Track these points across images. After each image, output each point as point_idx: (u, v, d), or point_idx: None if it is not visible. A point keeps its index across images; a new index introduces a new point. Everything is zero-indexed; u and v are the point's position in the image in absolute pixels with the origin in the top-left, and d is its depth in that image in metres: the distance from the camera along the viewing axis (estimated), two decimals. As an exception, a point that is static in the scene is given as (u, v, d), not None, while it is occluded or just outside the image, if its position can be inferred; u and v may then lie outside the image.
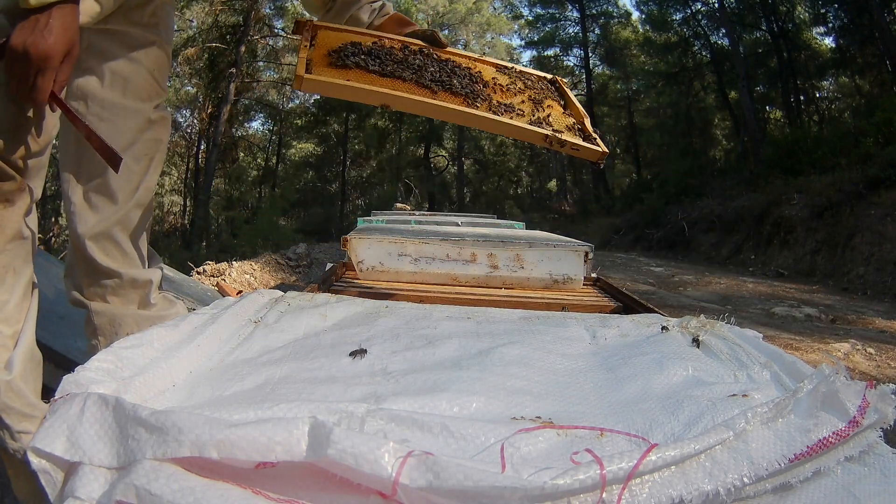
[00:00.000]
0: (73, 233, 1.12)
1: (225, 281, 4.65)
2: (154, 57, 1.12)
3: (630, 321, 0.85)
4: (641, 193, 13.32)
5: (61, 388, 0.47)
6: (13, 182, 0.92)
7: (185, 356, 0.61)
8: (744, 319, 3.94)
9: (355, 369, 0.63)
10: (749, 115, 12.70)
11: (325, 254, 6.39)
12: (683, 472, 0.40)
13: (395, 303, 0.96)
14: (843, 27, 13.14)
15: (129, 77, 1.09)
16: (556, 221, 15.78)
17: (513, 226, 2.52)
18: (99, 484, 0.39)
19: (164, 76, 1.17)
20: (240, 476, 0.39)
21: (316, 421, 0.38)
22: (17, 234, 0.94)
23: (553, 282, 1.28)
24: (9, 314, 0.94)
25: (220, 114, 14.88)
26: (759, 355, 0.67)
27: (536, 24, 19.34)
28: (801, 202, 7.76)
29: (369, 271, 1.25)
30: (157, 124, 1.15)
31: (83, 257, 1.11)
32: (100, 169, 1.09)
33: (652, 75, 17.17)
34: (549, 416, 0.51)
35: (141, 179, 1.15)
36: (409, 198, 16.48)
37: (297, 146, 20.39)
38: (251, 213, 16.03)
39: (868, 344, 3.29)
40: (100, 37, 1.06)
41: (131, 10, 1.05)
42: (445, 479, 0.35)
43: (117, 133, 1.09)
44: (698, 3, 15.51)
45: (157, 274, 1.23)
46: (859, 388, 0.47)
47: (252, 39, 15.79)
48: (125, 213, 1.13)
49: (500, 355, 0.67)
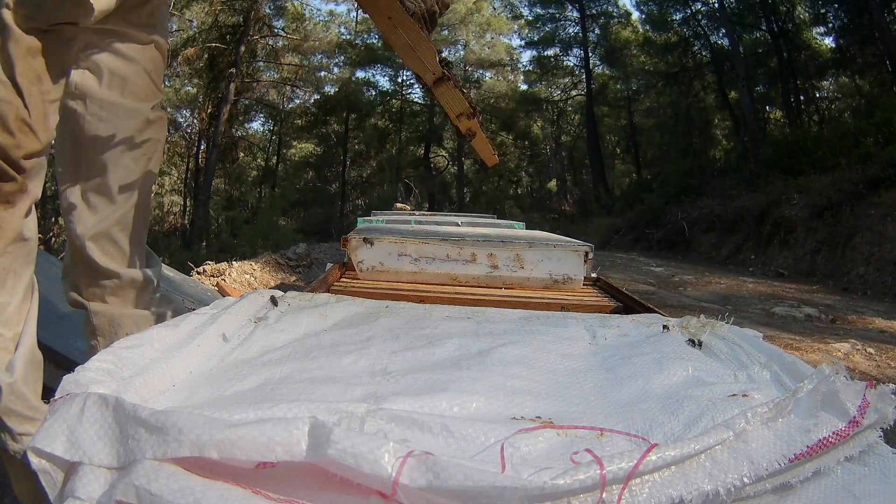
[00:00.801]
0: (71, 233, 1.12)
1: (225, 281, 4.65)
2: (151, 57, 1.13)
3: (630, 321, 0.85)
4: (641, 193, 13.32)
5: (61, 388, 0.46)
6: (14, 183, 0.91)
7: (185, 356, 0.61)
8: (744, 319, 3.94)
9: (355, 369, 0.63)
10: (749, 115, 12.70)
11: (325, 254, 6.38)
12: (683, 472, 0.40)
13: (395, 303, 0.96)
14: (843, 27, 13.15)
15: (127, 77, 1.09)
16: (556, 221, 15.78)
17: (513, 226, 2.52)
18: (99, 484, 0.39)
19: (161, 77, 1.18)
20: (240, 476, 0.39)
21: (316, 421, 0.38)
22: (17, 236, 0.94)
23: (553, 282, 1.28)
24: (9, 317, 0.93)
25: (220, 114, 14.89)
26: (759, 355, 0.67)
27: (536, 24, 19.34)
28: (801, 202, 7.76)
29: (369, 271, 1.25)
30: (154, 124, 1.15)
31: (82, 257, 1.11)
32: (97, 169, 1.09)
33: (652, 75, 17.17)
34: (549, 416, 0.51)
35: (139, 179, 1.15)
36: (409, 198, 16.47)
37: (297, 146, 20.38)
38: (251, 213, 16.02)
39: (868, 344, 3.29)
40: (98, 36, 1.06)
41: (130, 10, 1.06)
42: (445, 479, 0.35)
43: (116, 132, 1.09)
44: (698, 3, 15.51)
45: (156, 273, 1.23)
46: (859, 388, 0.47)
47: (252, 39, 15.79)
48: (123, 213, 1.12)
49: (500, 355, 0.67)
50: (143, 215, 1.19)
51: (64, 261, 1.19)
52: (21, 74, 0.88)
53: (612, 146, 20.61)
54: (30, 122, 0.90)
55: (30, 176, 0.94)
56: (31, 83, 0.89)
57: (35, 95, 0.90)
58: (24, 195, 0.93)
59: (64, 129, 1.10)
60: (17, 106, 0.88)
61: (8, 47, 0.86)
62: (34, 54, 0.89)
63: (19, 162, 0.91)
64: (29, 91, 0.89)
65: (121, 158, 1.11)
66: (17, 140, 0.89)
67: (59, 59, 0.93)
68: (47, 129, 0.94)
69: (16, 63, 0.87)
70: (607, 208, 15.52)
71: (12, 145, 0.89)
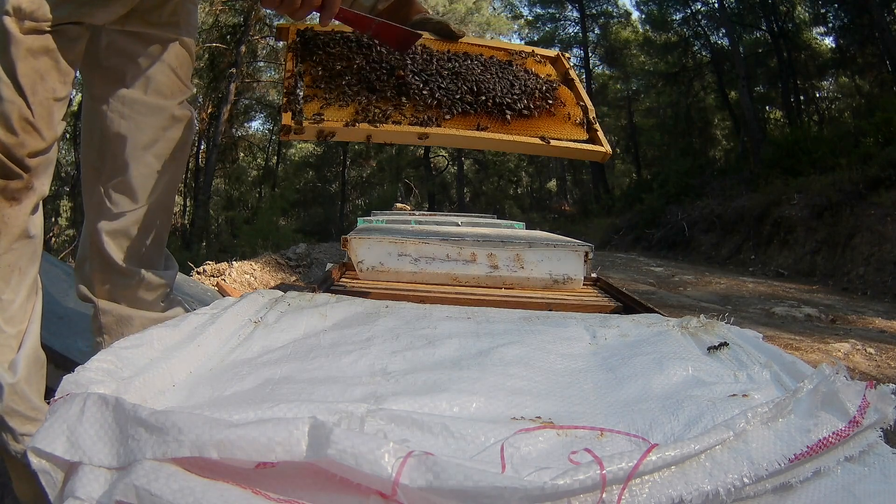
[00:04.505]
0: (90, 226, 1.11)
1: (225, 281, 4.65)
2: (175, 54, 1.11)
3: (630, 321, 0.85)
4: (641, 193, 13.31)
5: (61, 388, 0.46)
6: (20, 180, 0.91)
7: (185, 356, 0.61)
8: (744, 319, 3.94)
9: (355, 369, 0.63)
10: (749, 115, 12.70)
11: (325, 254, 6.38)
12: (683, 472, 0.40)
13: (395, 303, 0.96)
14: (843, 27, 13.15)
15: (151, 74, 1.08)
16: (556, 221, 15.78)
17: (513, 226, 2.52)
18: (99, 484, 0.39)
19: (188, 73, 1.16)
20: (240, 476, 0.39)
21: (316, 421, 0.38)
22: (23, 233, 0.93)
23: (553, 282, 1.28)
24: (13, 314, 0.93)
25: (220, 114, 14.88)
26: (759, 355, 0.67)
27: (536, 23, 19.35)
28: (801, 202, 7.75)
29: (369, 271, 1.25)
30: (180, 122, 1.14)
31: (98, 251, 1.10)
32: (122, 166, 1.09)
33: (652, 75, 17.18)
34: (549, 417, 0.51)
35: (162, 178, 1.14)
36: (409, 198, 16.47)
37: (297, 146, 20.39)
38: (251, 213, 16.03)
39: (868, 344, 3.29)
40: (120, 36, 1.05)
41: (148, 11, 1.05)
42: (445, 479, 0.35)
43: (139, 130, 1.09)
44: (698, 3, 15.52)
45: (171, 277, 1.22)
46: (859, 388, 0.47)
47: (252, 39, 15.79)
48: (144, 213, 1.11)
49: (500, 355, 0.67)
50: (164, 215, 1.17)
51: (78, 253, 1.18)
52: (23, 74, 0.88)
53: (612, 146, 20.56)
54: (33, 122, 0.91)
55: (36, 174, 0.94)
56: (33, 83, 0.90)
57: (38, 94, 0.91)
58: (30, 192, 0.93)
59: (91, 126, 1.09)
60: (19, 105, 0.89)
61: (9, 49, 0.87)
62: (35, 54, 0.89)
63: (24, 160, 0.91)
64: (32, 90, 0.90)
65: (143, 157, 1.10)
66: (21, 139, 0.90)
67: (63, 59, 0.93)
68: (52, 127, 0.94)
69: (17, 63, 0.87)
70: (607, 208, 15.51)
71: (16, 144, 0.89)
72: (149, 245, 1.14)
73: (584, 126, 1.16)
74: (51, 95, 0.92)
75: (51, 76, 0.92)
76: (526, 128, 1.14)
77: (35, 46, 0.89)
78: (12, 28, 0.86)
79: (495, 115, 1.11)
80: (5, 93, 0.87)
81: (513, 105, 1.11)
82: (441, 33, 1.17)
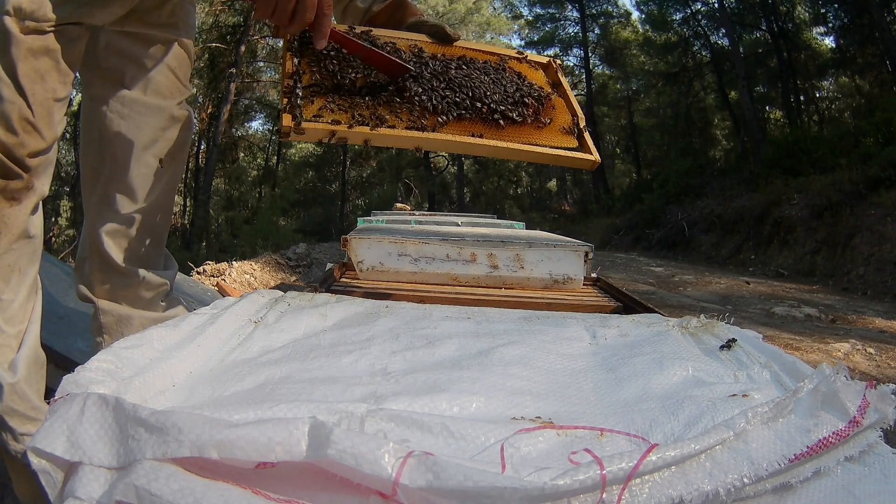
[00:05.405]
0: (90, 226, 1.11)
1: (225, 281, 4.65)
2: (174, 54, 1.11)
3: (630, 321, 0.85)
4: (641, 193, 13.31)
5: (61, 388, 0.46)
6: (20, 180, 0.91)
7: (185, 356, 0.61)
8: (744, 319, 3.94)
9: (355, 369, 0.62)
10: (749, 115, 12.70)
11: (325, 254, 6.38)
12: (683, 472, 0.40)
13: (395, 303, 0.96)
14: (843, 27, 13.15)
15: (150, 75, 1.09)
16: (556, 221, 15.78)
17: (513, 226, 2.52)
18: (99, 484, 0.39)
19: (187, 73, 1.16)
20: (240, 476, 0.39)
21: (316, 421, 0.38)
22: (23, 233, 0.93)
23: (553, 282, 1.28)
24: (13, 314, 0.93)
25: (220, 114, 14.88)
26: (759, 355, 0.66)
27: (536, 23, 19.35)
28: (801, 202, 7.76)
29: (369, 271, 1.25)
30: (178, 122, 1.14)
31: (98, 252, 1.11)
32: (121, 166, 1.09)
33: (652, 75, 17.18)
34: (549, 417, 0.51)
35: (162, 179, 1.14)
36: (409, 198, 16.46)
37: (297, 146, 20.39)
38: (251, 213, 16.03)
39: (868, 344, 3.29)
40: (119, 37, 1.06)
41: (147, 12, 1.05)
42: (445, 479, 0.35)
43: (138, 131, 1.09)
44: (698, 3, 15.52)
45: (171, 277, 1.22)
46: (859, 388, 0.47)
47: (252, 39, 15.79)
48: (144, 213, 1.12)
49: (500, 355, 0.67)
50: (164, 216, 1.18)
51: (78, 253, 1.18)
52: (24, 75, 0.88)
53: (612, 146, 20.60)
54: (33, 122, 0.91)
55: (36, 173, 0.94)
56: (33, 83, 0.90)
57: (39, 95, 0.91)
58: (30, 192, 0.93)
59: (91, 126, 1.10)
60: (20, 105, 0.89)
61: (10, 49, 0.87)
62: (36, 55, 0.89)
63: (24, 160, 0.91)
64: (32, 91, 0.90)
65: (143, 156, 1.10)
66: (21, 139, 0.90)
67: (63, 59, 0.93)
68: (52, 127, 0.94)
69: (18, 64, 0.87)
70: (607, 208, 15.52)
71: (16, 144, 0.89)
72: (148, 245, 1.15)
73: (574, 134, 1.17)
74: (51, 96, 0.92)
75: (51, 76, 0.92)
76: (517, 134, 1.14)
77: (36, 47, 0.89)
78: (13, 28, 0.86)
79: (489, 121, 1.11)
80: (6, 93, 0.87)
81: (507, 112, 1.11)
82: (436, 36, 1.17)
